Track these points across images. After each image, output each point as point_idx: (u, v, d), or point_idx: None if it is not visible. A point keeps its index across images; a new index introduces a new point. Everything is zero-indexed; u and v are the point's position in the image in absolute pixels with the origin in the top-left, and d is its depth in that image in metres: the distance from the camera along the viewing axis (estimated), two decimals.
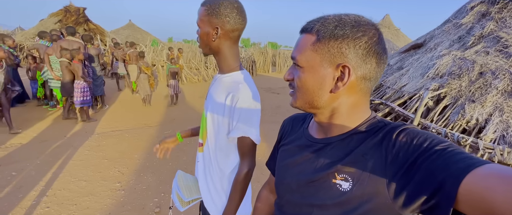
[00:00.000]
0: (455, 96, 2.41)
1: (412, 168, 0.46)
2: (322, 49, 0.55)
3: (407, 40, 13.27)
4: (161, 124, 5.32)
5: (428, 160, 0.44)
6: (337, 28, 0.53)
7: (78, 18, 12.22)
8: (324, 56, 0.55)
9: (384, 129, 0.54)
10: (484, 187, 0.37)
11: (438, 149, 0.44)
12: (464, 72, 2.49)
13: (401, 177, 0.47)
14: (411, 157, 0.46)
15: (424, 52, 3.33)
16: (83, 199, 2.66)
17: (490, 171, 0.38)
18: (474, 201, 0.38)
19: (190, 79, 10.65)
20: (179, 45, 19.14)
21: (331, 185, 0.56)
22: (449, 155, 0.42)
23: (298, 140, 0.70)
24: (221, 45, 1.01)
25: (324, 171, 0.58)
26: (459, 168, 0.40)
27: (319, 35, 0.55)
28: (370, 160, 0.52)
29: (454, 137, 2.11)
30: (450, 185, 0.40)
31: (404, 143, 0.49)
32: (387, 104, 2.87)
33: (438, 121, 2.37)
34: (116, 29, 18.31)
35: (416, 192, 0.45)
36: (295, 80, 0.60)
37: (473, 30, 2.89)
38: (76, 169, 3.25)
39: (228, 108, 0.99)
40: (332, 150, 0.59)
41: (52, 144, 3.88)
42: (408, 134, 0.50)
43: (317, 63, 0.55)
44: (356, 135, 0.57)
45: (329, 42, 0.54)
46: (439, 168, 0.42)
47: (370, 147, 0.53)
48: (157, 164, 3.55)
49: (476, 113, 2.17)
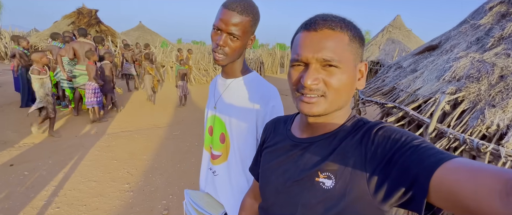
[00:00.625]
0: (473, 100, 2.31)
1: (389, 163, 0.48)
2: (353, 49, 0.56)
3: (419, 41, 12.96)
4: (170, 125, 5.34)
5: (404, 155, 0.46)
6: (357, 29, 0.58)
7: (90, 20, 12.47)
8: (356, 55, 0.57)
9: (364, 127, 0.57)
10: (452, 179, 0.38)
11: (413, 145, 0.46)
12: (483, 75, 2.38)
13: (380, 173, 0.49)
14: (388, 153, 0.49)
15: (440, 54, 3.21)
16: (92, 200, 2.67)
17: (459, 165, 0.39)
18: (444, 193, 0.39)
19: (199, 80, 10.71)
20: (188, 47, 19.32)
21: (314, 184, 0.57)
22: (423, 150, 0.45)
23: (281, 142, 0.70)
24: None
25: (308, 170, 0.59)
26: (430, 162, 0.42)
27: (350, 35, 0.56)
28: (351, 158, 0.54)
29: (473, 143, 2.01)
30: (423, 178, 0.42)
31: (382, 140, 0.51)
32: (400, 108, 2.78)
33: (455, 126, 2.27)
34: (126, 31, 18.62)
35: (393, 186, 0.47)
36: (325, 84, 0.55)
37: (492, 31, 2.77)
38: (87, 169, 3.28)
39: (257, 109, 0.96)
40: (316, 148, 0.60)
41: (63, 144, 3.94)
42: (386, 131, 0.52)
43: (351, 62, 0.56)
44: (339, 133, 0.59)
45: (355, 42, 0.57)
46: (414, 163, 0.44)
47: (351, 145, 0.55)
48: (165, 165, 3.56)
49: (497, 118, 2.06)
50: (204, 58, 13.86)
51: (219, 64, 0.96)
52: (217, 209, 1.09)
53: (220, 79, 1.09)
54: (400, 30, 13.33)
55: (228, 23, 0.87)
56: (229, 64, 1.00)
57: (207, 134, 1.13)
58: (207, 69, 11.62)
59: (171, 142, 4.44)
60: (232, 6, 0.87)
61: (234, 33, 0.88)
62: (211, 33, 0.94)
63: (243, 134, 1.00)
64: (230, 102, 1.02)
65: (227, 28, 0.88)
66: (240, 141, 1.01)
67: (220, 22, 0.88)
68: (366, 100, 3.63)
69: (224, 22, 0.87)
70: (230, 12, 0.87)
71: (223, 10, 0.88)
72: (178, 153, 3.99)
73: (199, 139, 4.61)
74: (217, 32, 0.91)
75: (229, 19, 0.87)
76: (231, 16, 0.87)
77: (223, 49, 0.91)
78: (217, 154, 1.08)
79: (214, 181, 1.11)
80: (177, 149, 4.15)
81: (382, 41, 12.85)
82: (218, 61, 0.95)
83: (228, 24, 0.87)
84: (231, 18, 0.87)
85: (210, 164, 1.13)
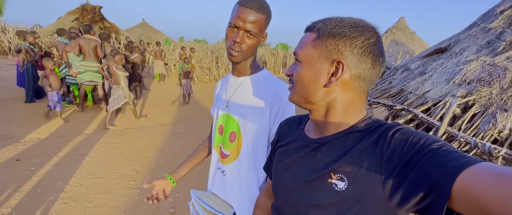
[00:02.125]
0: (485, 104, 2.29)
1: (406, 167, 0.46)
2: (320, 46, 0.57)
3: (423, 44, 12.92)
4: (174, 123, 5.34)
5: (423, 159, 0.44)
6: (336, 27, 0.57)
7: (94, 17, 12.49)
8: (321, 52, 0.57)
9: (380, 129, 0.55)
10: (477, 185, 0.37)
11: (433, 148, 0.44)
12: (495, 79, 2.37)
13: (396, 176, 0.47)
14: (406, 156, 0.47)
15: (449, 57, 3.20)
16: (99, 196, 2.67)
17: (483, 169, 0.38)
18: (467, 199, 0.38)
19: (202, 79, 10.70)
20: (191, 45, 19.33)
21: (327, 185, 0.56)
22: (443, 153, 0.43)
23: (294, 141, 0.70)
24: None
25: (320, 170, 0.58)
26: (453, 166, 0.40)
27: (319, 33, 0.58)
28: (366, 160, 0.52)
29: (485, 147, 2.00)
30: (443, 183, 0.40)
31: (399, 143, 0.49)
32: (409, 111, 2.77)
33: (466, 130, 2.26)
34: (130, 28, 18.62)
35: (411, 191, 0.45)
36: (294, 75, 0.62)
37: (503, 35, 2.75)
38: (92, 165, 3.28)
39: (272, 106, 0.97)
40: (328, 149, 0.59)
41: (69, 140, 3.94)
42: (403, 133, 0.51)
43: (315, 58, 0.58)
44: (352, 134, 0.58)
45: (327, 39, 0.57)
46: (433, 167, 0.42)
47: (366, 146, 0.54)
48: (171, 163, 3.55)
49: (509, 123, 2.05)
50: (206, 56, 13.86)
51: (234, 61, 0.98)
52: (227, 209, 1.08)
53: (231, 78, 1.09)
54: (404, 32, 13.29)
55: (246, 21, 0.89)
56: (242, 62, 1.01)
57: (217, 133, 1.12)
58: (210, 68, 11.60)
59: (175, 140, 4.44)
60: (249, 4, 0.89)
61: (251, 31, 0.91)
62: (226, 31, 0.95)
63: (256, 131, 1.00)
64: (243, 100, 1.02)
65: (244, 26, 0.90)
66: (253, 139, 1.01)
67: (237, 20, 0.90)
68: (373, 102, 3.61)
69: (241, 19, 0.89)
70: (248, 10, 0.89)
71: (240, 8, 0.90)
72: (183, 151, 3.99)
73: (204, 137, 4.58)
74: (234, 30, 0.93)
75: (247, 16, 0.89)
76: (249, 13, 0.89)
77: (240, 46, 0.93)
78: (226, 153, 1.08)
79: (224, 181, 1.10)
80: (182, 147, 4.15)
81: (386, 43, 12.82)
82: (233, 58, 0.96)
83: (245, 22, 0.89)
84: (248, 15, 0.89)
85: (219, 163, 1.13)
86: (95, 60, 5.03)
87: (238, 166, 1.06)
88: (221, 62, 12.23)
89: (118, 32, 13.55)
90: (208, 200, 1.12)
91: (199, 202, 1.13)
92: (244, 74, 1.04)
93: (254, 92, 1.00)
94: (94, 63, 5.00)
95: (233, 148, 1.06)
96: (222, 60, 12.48)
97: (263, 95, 0.98)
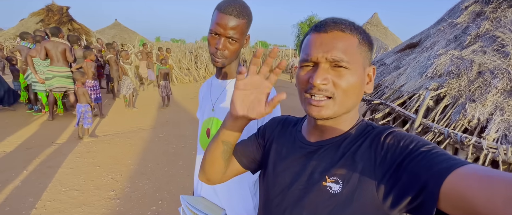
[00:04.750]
0: (455, 95, 2.43)
1: (398, 169, 0.47)
2: (363, 51, 0.57)
3: (395, 39, 13.52)
4: (154, 127, 5.16)
5: (414, 161, 0.45)
6: (366, 33, 0.58)
7: (61, 18, 11.74)
8: (365, 59, 0.57)
9: (373, 132, 0.56)
10: (465, 186, 0.38)
11: (423, 151, 0.46)
12: (463, 71, 2.51)
13: (389, 179, 0.49)
14: (398, 159, 0.48)
15: (421, 51, 3.35)
16: (76, 210, 2.52)
17: (471, 171, 0.39)
18: (455, 200, 0.39)
19: (181, 80, 10.46)
20: (168, 45, 18.80)
21: (321, 188, 0.56)
22: (433, 156, 0.44)
23: (290, 143, 0.69)
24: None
25: (316, 174, 0.58)
26: (441, 168, 0.42)
27: (359, 38, 0.56)
28: (360, 163, 0.53)
29: (457, 136, 2.12)
30: (433, 185, 0.41)
31: (392, 145, 0.51)
32: (387, 105, 2.87)
33: (439, 121, 2.38)
34: (101, 29, 17.77)
35: (402, 192, 0.46)
36: (334, 85, 0.55)
37: (468, 29, 2.93)
38: (67, 177, 3.08)
39: None
40: (325, 152, 0.60)
41: (39, 152, 3.68)
42: (395, 136, 0.52)
43: (361, 65, 0.56)
44: (348, 138, 0.59)
45: (365, 45, 0.57)
46: (423, 169, 0.44)
47: (360, 150, 0.55)
48: (152, 169, 3.43)
49: (477, 112, 2.18)
50: (185, 56, 13.56)
51: (218, 67, 0.97)
52: (218, 212, 1.07)
53: (215, 81, 1.09)
54: (377, 28, 13.82)
55: (226, 28, 0.88)
56: (227, 66, 1.01)
57: (204, 136, 1.10)
58: (189, 68, 11.37)
59: (156, 144, 4.29)
60: (228, 10, 0.88)
61: (233, 37, 0.90)
62: (208, 37, 0.95)
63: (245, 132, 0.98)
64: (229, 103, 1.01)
65: (225, 32, 0.89)
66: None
67: (217, 27, 0.89)
68: None
69: (221, 26, 0.88)
70: (227, 17, 0.88)
71: (219, 15, 0.89)
72: (165, 156, 3.87)
73: (186, 141, 4.50)
74: (215, 37, 0.92)
75: (227, 23, 0.88)
76: (228, 20, 0.88)
77: (222, 52, 0.93)
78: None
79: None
80: (163, 152, 4.02)
81: None
82: (217, 64, 0.96)
83: (226, 29, 0.89)
84: (228, 22, 0.88)
85: None
86: (65, 64, 4.73)
87: None
88: (200, 62, 12.04)
89: (89, 34, 12.86)
90: (198, 205, 1.10)
91: (189, 208, 1.10)
92: (229, 77, 1.03)
93: None
94: (64, 68, 4.70)
95: None
96: (202, 60, 12.28)
97: None
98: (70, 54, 4.75)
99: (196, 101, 7.64)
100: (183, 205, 1.15)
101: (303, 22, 27.89)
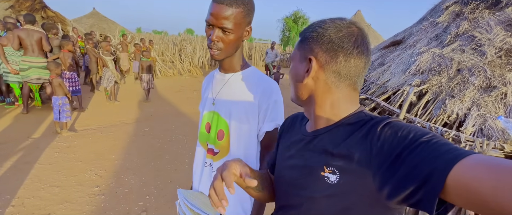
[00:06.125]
0: (436, 91, 2.55)
1: (397, 160, 0.47)
2: (301, 47, 0.65)
3: (377, 36, 13.93)
4: (138, 121, 5.02)
5: (413, 152, 0.45)
6: (308, 30, 0.64)
7: (34, 4, 10.98)
8: (301, 53, 0.65)
9: (370, 122, 0.56)
10: (471, 177, 0.37)
11: (423, 141, 0.45)
12: (443, 69, 2.64)
13: (386, 170, 0.48)
14: (396, 150, 0.47)
15: (404, 49, 3.48)
16: (57, 207, 2.41)
17: (477, 161, 0.39)
18: (463, 191, 0.38)
19: (165, 73, 10.19)
20: (150, 36, 18.19)
21: (319, 177, 0.57)
22: (434, 146, 0.43)
23: (295, 136, 0.72)
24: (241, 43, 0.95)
25: (313, 163, 0.60)
26: (445, 159, 0.41)
27: (300, 37, 0.66)
28: (356, 153, 0.53)
29: (438, 130, 2.23)
30: (436, 177, 0.41)
31: (389, 136, 0.50)
32: (372, 100, 2.96)
33: (422, 115, 2.49)
34: (78, 18, 16.82)
35: (401, 184, 0.45)
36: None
37: (449, 29, 3.07)
38: (46, 173, 2.94)
39: (260, 104, 0.95)
40: (320, 142, 0.61)
41: (14, 147, 3.46)
42: (392, 127, 0.51)
43: (298, 58, 0.66)
44: (342, 127, 0.60)
45: (304, 40, 0.64)
46: (425, 160, 0.43)
47: (356, 140, 0.55)
48: (138, 164, 3.35)
49: (456, 108, 2.31)
50: (168, 49, 13.20)
51: (215, 59, 0.94)
52: (213, 209, 1.06)
53: (218, 75, 1.06)
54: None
55: (218, 17, 0.85)
56: (228, 59, 0.97)
57: (204, 131, 1.09)
58: (173, 61, 11.09)
59: (141, 139, 4.18)
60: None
61: (226, 27, 0.86)
62: (205, 29, 0.92)
63: (245, 130, 0.98)
64: (230, 97, 0.99)
65: (218, 22, 0.86)
66: (242, 137, 0.99)
67: (210, 17, 0.87)
68: None
69: (214, 16, 0.86)
70: (219, 6, 0.85)
71: (212, 5, 0.86)
72: (150, 150, 3.78)
73: (172, 135, 4.42)
74: (210, 28, 0.89)
75: (219, 12, 0.85)
76: (220, 9, 0.84)
77: (217, 44, 0.89)
78: (216, 150, 1.05)
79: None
80: (149, 146, 3.92)
81: None
82: (214, 57, 0.93)
83: (218, 18, 0.85)
84: (220, 11, 0.85)
85: (208, 160, 1.09)
86: (41, 55, 4.45)
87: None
88: (185, 55, 11.77)
89: (65, 23, 12.11)
90: (195, 200, 1.09)
91: (185, 203, 1.09)
92: (230, 71, 1.01)
93: (241, 90, 0.98)
94: (40, 59, 4.43)
95: (222, 146, 1.03)
96: (186, 53, 12.01)
97: (250, 93, 0.96)
98: (47, 43, 4.48)
99: (181, 95, 7.48)
100: (179, 199, 1.14)
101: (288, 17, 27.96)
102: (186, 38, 16.39)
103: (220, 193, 0.58)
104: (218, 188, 0.59)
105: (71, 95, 4.48)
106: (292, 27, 26.21)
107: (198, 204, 1.06)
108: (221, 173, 0.62)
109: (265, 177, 0.82)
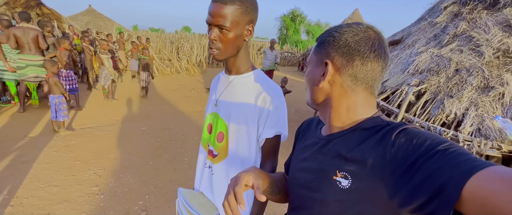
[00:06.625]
0: (434, 91, 2.57)
1: (411, 168, 0.45)
2: (317, 52, 0.66)
3: None
4: (136, 120, 5.00)
5: (429, 161, 0.43)
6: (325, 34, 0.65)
7: (29, 1, 10.83)
8: (318, 57, 0.65)
9: (385, 128, 0.55)
10: (488, 190, 0.36)
11: (440, 150, 0.44)
12: (442, 69, 2.66)
13: (400, 177, 0.47)
14: (410, 157, 0.46)
15: (403, 48, 3.50)
16: (56, 207, 2.40)
17: (495, 174, 0.37)
18: (479, 204, 0.37)
19: (162, 71, 10.14)
20: (147, 34, 18.06)
21: (332, 182, 0.57)
22: (451, 156, 0.42)
23: (310, 139, 0.73)
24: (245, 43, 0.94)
25: (326, 167, 0.60)
26: (462, 170, 0.40)
27: (317, 41, 0.67)
28: (370, 159, 0.53)
29: (436, 130, 2.25)
30: (452, 187, 0.39)
31: (404, 143, 0.49)
32: None
33: (420, 115, 2.52)
34: (74, 15, 16.67)
35: (414, 192, 0.44)
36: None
37: (447, 29, 3.09)
38: (44, 173, 2.92)
39: (260, 109, 0.93)
40: (334, 146, 0.61)
41: (10, 146, 3.43)
42: (408, 133, 0.50)
43: (314, 62, 0.67)
44: (358, 131, 0.59)
45: (321, 45, 0.65)
46: (440, 170, 0.41)
47: (371, 145, 0.54)
48: (137, 163, 3.34)
49: (454, 108, 2.34)
50: (165, 47, 13.12)
51: (216, 59, 0.93)
52: (210, 211, 1.05)
53: (223, 76, 1.06)
54: None
55: (215, 15, 0.85)
56: (231, 60, 0.96)
57: (206, 132, 1.09)
58: (171, 59, 11.03)
59: (139, 138, 4.17)
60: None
61: (222, 25, 0.85)
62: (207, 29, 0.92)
63: (244, 134, 0.97)
64: (232, 99, 0.99)
65: (215, 21, 0.85)
66: (241, 141, 0.98)
67: (209, 16, 0.87)
68: None
69: (211, 15, 0.86)
70: (215, 4, 0.85)
71: (210, 4, 0.86)
72: (149, 149, 3.77)
73: (171, 134, 4.41)
74: (210, 27, 0.89)
75: (215, 11, 0.85)
76: (217, 7, 0.84)
77: (216, 43, 0.88)
78: (215, 153, 1.05)
79: (211, 180, 1.07)
80: (148, 145, 3.91)
81: None
82: (215, 57, 0.92)
83: (214, 17, 0.85)
84: (216, 9, 0.84)
85: (207, 161, 1.09)
86: (38, 53, 4.40)
87: (225, 167, 1.03)
88: (182, 53, 11.71)
89: (61, 20, 11.97)
90: (192, 201, 1.09)
91: (183, 203, 1.09)
92: (235, 72, 0.99)
93: (243, 92, 0.97)
94: (37, 57, 4.38)
95: (221, 148, 1.02)
96: (184, 51, 11.96)
97: (251, 97, 0.95)
98: (43, 41, 4.42)
99: (178, 94, 7.46)
100: (178, 198, 1.14)
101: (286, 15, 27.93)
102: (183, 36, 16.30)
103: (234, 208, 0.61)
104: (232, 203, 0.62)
105: (68, 94, 4.43)
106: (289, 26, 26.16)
107: (195, 205, 1.05)
108: (233, 188, 0.62)
109: (281, 180, 0.83)
